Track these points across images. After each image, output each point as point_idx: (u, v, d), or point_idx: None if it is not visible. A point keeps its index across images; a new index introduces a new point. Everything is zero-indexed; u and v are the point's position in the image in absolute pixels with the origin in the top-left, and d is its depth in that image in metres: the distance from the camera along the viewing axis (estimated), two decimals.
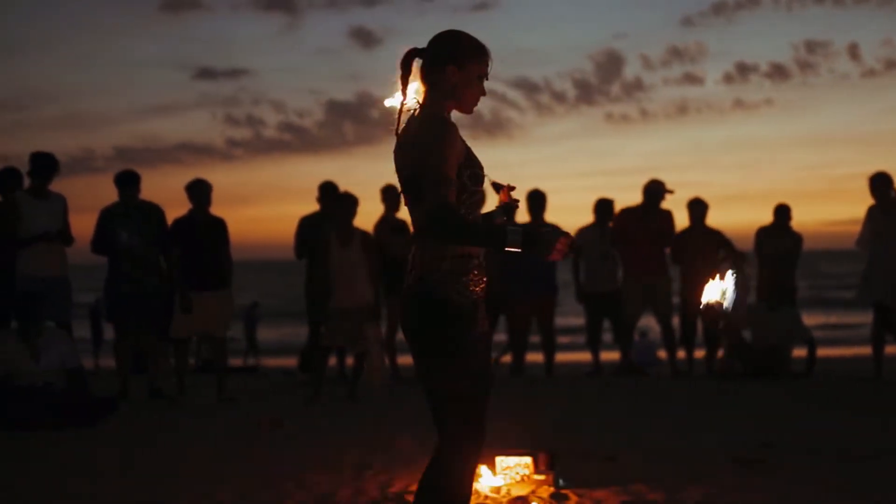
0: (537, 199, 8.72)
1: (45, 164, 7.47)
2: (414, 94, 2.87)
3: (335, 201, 7.77)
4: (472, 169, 2.81)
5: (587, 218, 8.93)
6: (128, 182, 7.66)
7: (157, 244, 7.60)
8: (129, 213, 7.59)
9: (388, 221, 8.54)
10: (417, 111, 2.86)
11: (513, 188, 3.13)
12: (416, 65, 2.89)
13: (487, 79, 2.91)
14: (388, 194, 8.56)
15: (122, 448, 5.70)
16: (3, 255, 7.28)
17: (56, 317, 7.20)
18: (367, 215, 9.93)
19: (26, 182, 7.48)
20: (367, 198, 8.73)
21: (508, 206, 3.13)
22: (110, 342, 9.90)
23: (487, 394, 2.87)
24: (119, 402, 6.89)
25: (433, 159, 2.68)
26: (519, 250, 2.62)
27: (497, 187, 3.16)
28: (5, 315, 7.32)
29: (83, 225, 7.90)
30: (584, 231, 8.84)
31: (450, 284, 2.76)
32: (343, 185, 8.32)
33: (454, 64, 2.83)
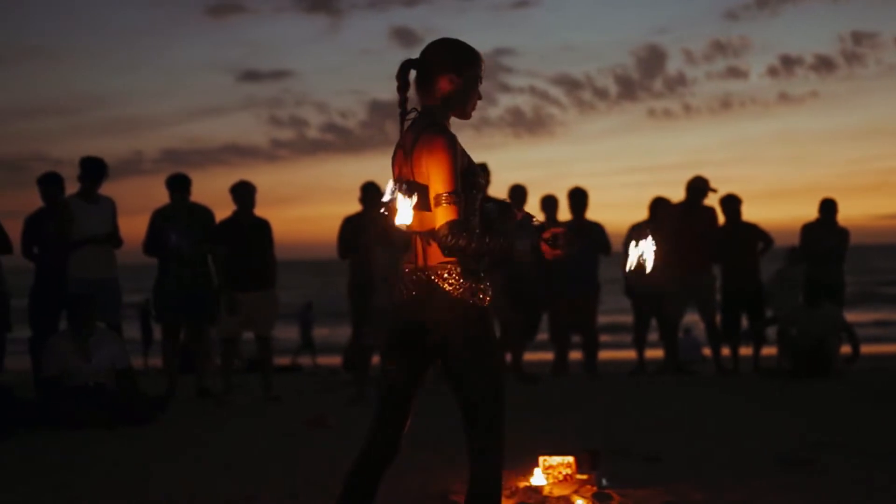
0: (579, 197, 8.71)
1: (94, 169, 7.64)
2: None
3: (377, 201, 7.82)
4: (473, 177, 2.88)
5: (629, 214, 8.91)
6: (178, 185, 7.80)
7: (205, 245, 7.73)
8: (180, 216, 7.72)
9: None
10: (418, 121, 2.89)
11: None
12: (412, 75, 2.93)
13: (482, 82, 2.96)
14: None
15: (171, 447, 5.81)
16: (54, 257, 7.45)
17: (106, 318, 7.35)
18: None
19: (67, 185, 7.65)
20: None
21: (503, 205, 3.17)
22: (160, 342, 10.11)
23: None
24: (168, 401, 7.02)
25: (445, 178, 2.75)
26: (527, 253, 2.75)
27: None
28: (56, 316, 7.50)
29: (133, 226, 8.07)
30: (637, 227, 8.83)
31: (471, 288, 2.84)
32: (385, 185, 8.34)
33: (454, 72, 2.88)
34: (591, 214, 8.79)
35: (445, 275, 2.83)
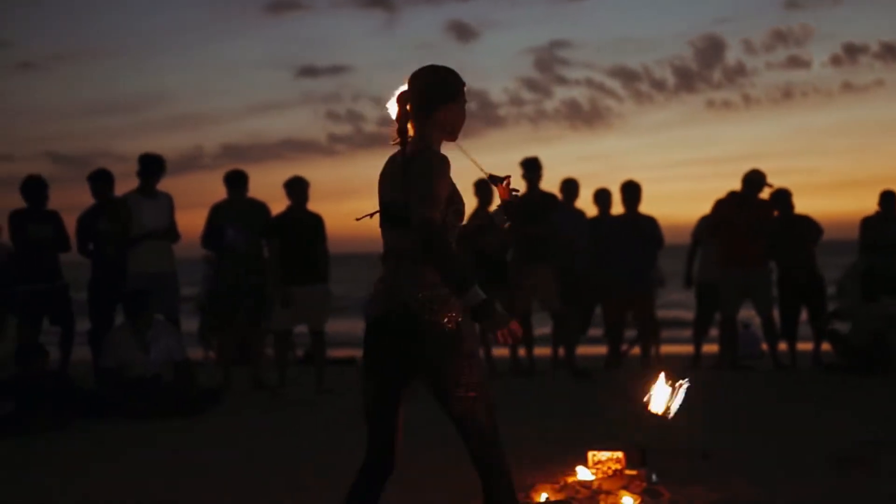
0: (631, 190, 8.63)
1: (152, 165, 7.78)
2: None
3: None
4: (456, 205, 2.93)
5: (687, 207, 8.79)
6: (236, 181, 7.93)
7: (260, 240, 7.85)
8: (237, 211, 7.84)
9: (479, 216, 8.58)
10: (410, 148, 2.94)
11: (510, 182, 3.16)
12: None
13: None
14: (481, 189, 8.60)
15: (225, 438, 5.91)
16: (111, 252, 7.62)
17: (164, 311, 7.49)
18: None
19: (116, 182, 7.83)
20: (465, 191, 8.80)
21: (509, 205, 3.16)
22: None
23: None
24: (223, 393, 7.15)
25: (425, 183, 2.81)
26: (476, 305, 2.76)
27: (495, 180, 3.17)
28: (112, 310, 7.68)
29: (193, 221, 8.21)
30: (705, 220, 8.76)
31: (443, 309, 2.86)
32: None
33: (451, 101, 2.98)
34: (650, 207, 8.73)
35: (420, 296, 2.86)
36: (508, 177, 3.16)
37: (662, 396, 3.02)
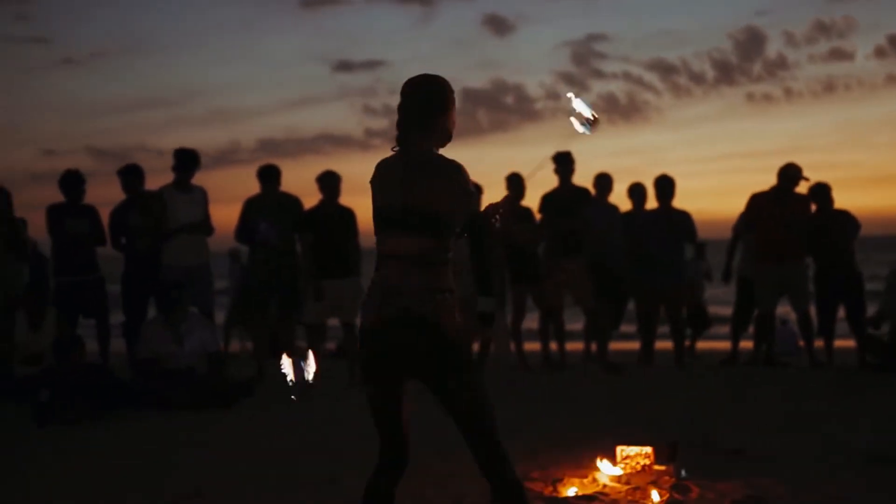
0: (665, 185, 8.57)
1: (187, 159, 7.86)
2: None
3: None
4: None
5: (726, 202, 8.71)
6: (268, 176, 7.98)
7: (293, 234, 7.90)
8: (269, 205, 7.89)
9: (512, 209, 8.56)
10: (416, 155, 3.02)
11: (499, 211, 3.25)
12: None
13: None
14: (513, 182, 8.59)
15: (256, 429, 5.96)
16: (143, 245, 7.71)
17: (198, 304, 7.57)
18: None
19: (155, 177, 7.94)
20: (496, 183, 8.81)
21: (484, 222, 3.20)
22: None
23: None
24: (255, 385, 7.21)
25: (473, 194, 3.06)
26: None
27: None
28: (145, 302, 7.78)
29: (230, 215, 8.27)
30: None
31: (452, 310, 2.99)
32: (478, 173, 8.41)
33: (450, 108, 3.09)
34: (689, 202, 8.69)
35: (423, 301, 2.93)
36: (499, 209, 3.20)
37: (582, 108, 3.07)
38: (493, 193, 8.66)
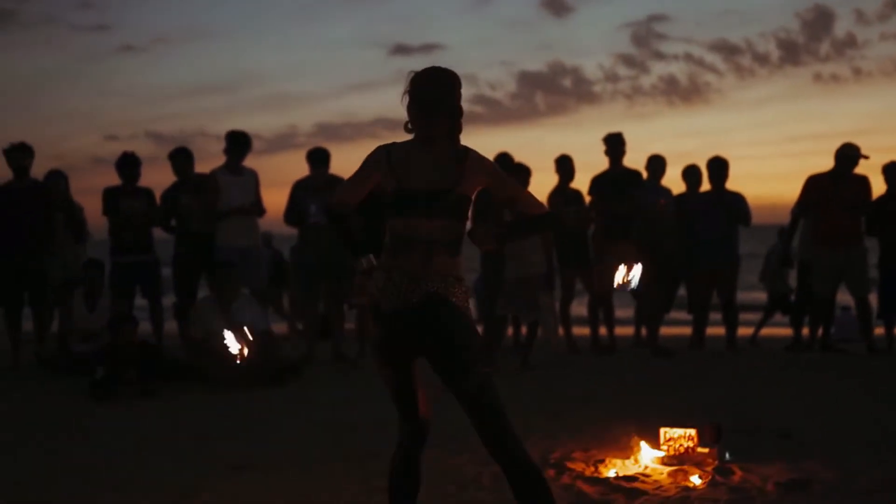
0: (718, 167, 8.43)
1: (238, 142, 7.95)
2: None
3: (507, 172, 7.84)
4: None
5: (791, 186, 8.49)
6: (318, 158, 8.04)
7: None
8: (318, 188, 7.96)
9: (562, 192, 8.52)
10: (444, 144, 3.07)
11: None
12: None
13: None
14: (563, 165, 8.53)
15: (304, 406, 6.04)
16: (198, 226, 7.83)
17: (249, 284, 7.67)
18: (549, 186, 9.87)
19: (212, 161, 8.04)
20: (546, 169, 8.76)
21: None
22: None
23: None
24: (304, 364, 7.29)
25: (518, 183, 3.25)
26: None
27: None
28: (196, 282, 7.91)
29: (285, 199, 8.31)
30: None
31: (466, 294, 3.09)
32: (534, 156, 8.38)
33: (460, 99, 3.12)
34: (751, 186, 8.59)
35: (447, 284, 3.01)
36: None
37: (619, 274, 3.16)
38: (546, 178, 8.62)
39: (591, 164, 8.64)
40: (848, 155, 8.11)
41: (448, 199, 3.01)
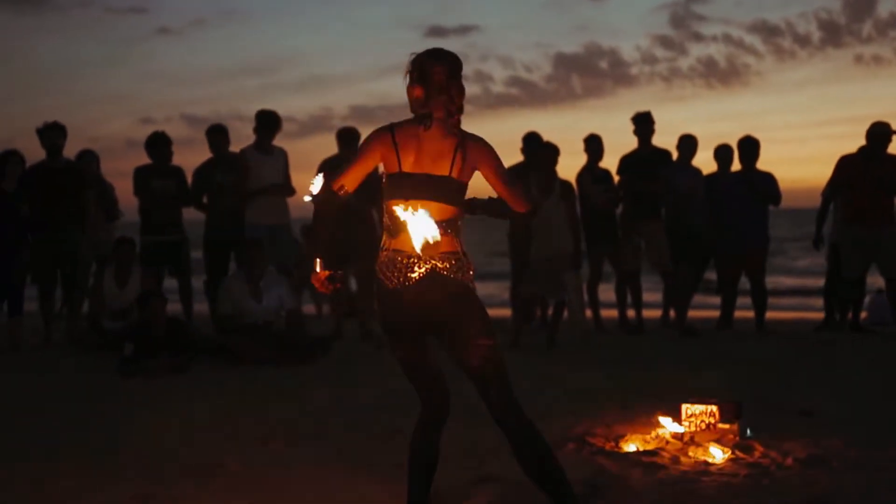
0: (749, 147, 8.36)
1: (268, 121, 8.00)
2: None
3: (537, 152, 7.84)
4: None
5: (831, 169, 8.32)
6: (348, 138, 8.08)
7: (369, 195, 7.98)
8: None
9: (590, 171, 8.50)
10: (452, 126, 3.10)
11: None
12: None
13: None
14: (591, 144, 8.50)
15: (330, 383, 6.10)
16: (231, 203, 7.91)
17: (279, 262, 7.73)
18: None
19: (229, 139, 8.10)
20: (574, 152, 8.72)
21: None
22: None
23: None
24: (332, 342, 7.36)
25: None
26: None
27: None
28: (226, 260, 7.99)
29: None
30: None
31: (469, 270, 3.14)
32: (570, 139, 8.38)
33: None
34: (790, 169, 8.48)
35: (453, 262, 3.06)
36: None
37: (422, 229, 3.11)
38: (581, 161, 8.57)
39: (627, 147, 8.58)
40: (878, 133, 8.01)
41: (448, 185, 3.08)
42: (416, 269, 3.05)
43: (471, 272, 3.13)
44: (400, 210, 3.00)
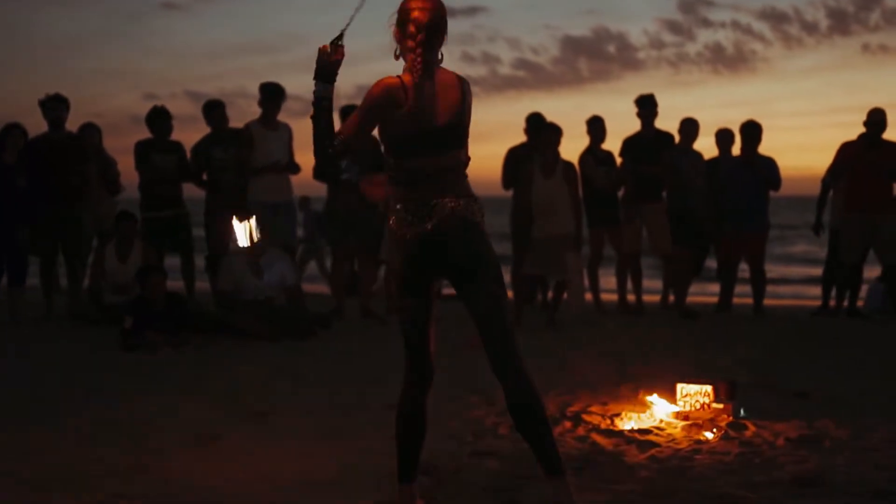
0: (751, 131, 8.36)
1: (272, 94, 7.95)
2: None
3: (539, 132, 7.84)
4: None
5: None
6: (349, 115, 8.06)
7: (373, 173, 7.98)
8: None
9: (593, 153, 8.50)
10: (441, 72, 3.11)
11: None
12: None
13: None
14: (594, 126, 8.51)
15: (330, 359, 6.15)
16: (233, 179, 7.91)
17: (282, 239, 7.73)
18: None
19: (227, 114, 8.07)
20: (578, 136, 8.72)
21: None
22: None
23: None
24: (332, 319, 7.39)
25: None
26: None
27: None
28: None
29: None
30: None
31: (482, 214, 3.13)
32: (577, 122, 8.40)
33: None
34: (796, 157, 8.47)
35: (463, 203, 3.05)
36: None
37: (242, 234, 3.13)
38: (582, 143, 8.59)
39: (632, 131, 8.58)
40: (874, 120, 8.03)
41: (458, 132, 3.08)
42: (435, 212, 3.04)
43: (482, 214, 3.13)
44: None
